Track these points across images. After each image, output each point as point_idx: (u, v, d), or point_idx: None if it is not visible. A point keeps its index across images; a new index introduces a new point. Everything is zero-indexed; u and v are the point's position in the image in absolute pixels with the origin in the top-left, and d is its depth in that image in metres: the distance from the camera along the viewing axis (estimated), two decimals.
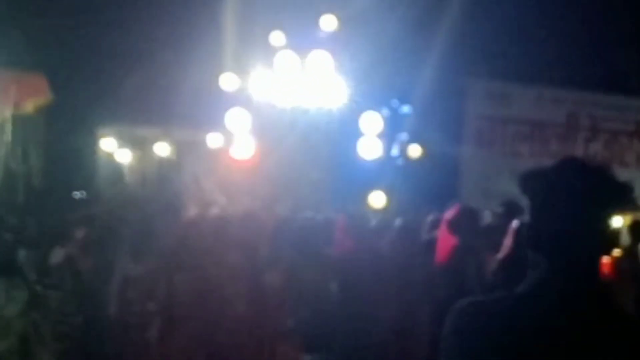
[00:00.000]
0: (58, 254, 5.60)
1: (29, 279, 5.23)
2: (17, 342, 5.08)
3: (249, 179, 10.78)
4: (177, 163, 11.78)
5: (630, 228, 6.81)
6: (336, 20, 10.97)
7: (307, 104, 11.14)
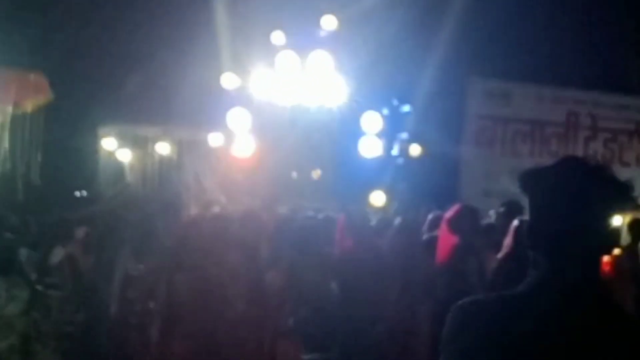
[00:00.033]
0: (59, 253, 5.60)
1: (30, 278, 5.23)
2: (18, 341, 5.08)
3: (250, 178, 10.80)
4: (178, 162, 11.78)
5: (630, 227, 6.81)
6: (336, 20, 10.99)
7: (308, 103, 11.14)
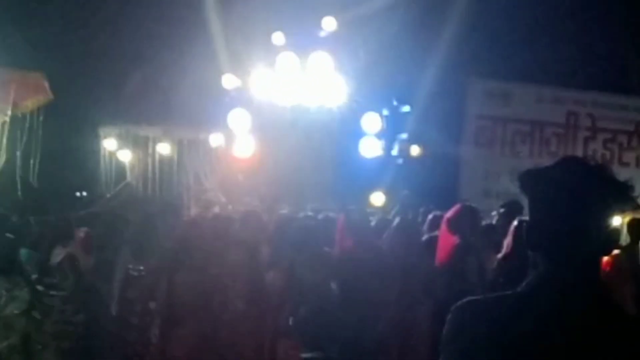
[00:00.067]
0: (59, 254, 5.60)
1: (30, 279, 5.23)
2: (19, 341, 5.08)
3: (250, 178, 10.81)
4: (178, 163, 11.78)
5: (629, 227, 6.81)
6: (336, 21, 10.99)
7: (308, 104, 11.15)
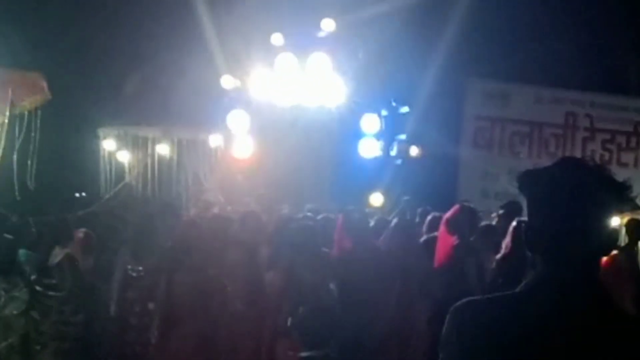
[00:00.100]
0: (58, 254, 5.60)
1: (30, 279, 5.23)
2: (18, 342, 5.08)
3: (249, 179, 10.80)
4: (178, 163, 11.77)
5: (628, 227, 6.83)
6: (335, 22, 10.99)
7: (307, 104, 11.14)
